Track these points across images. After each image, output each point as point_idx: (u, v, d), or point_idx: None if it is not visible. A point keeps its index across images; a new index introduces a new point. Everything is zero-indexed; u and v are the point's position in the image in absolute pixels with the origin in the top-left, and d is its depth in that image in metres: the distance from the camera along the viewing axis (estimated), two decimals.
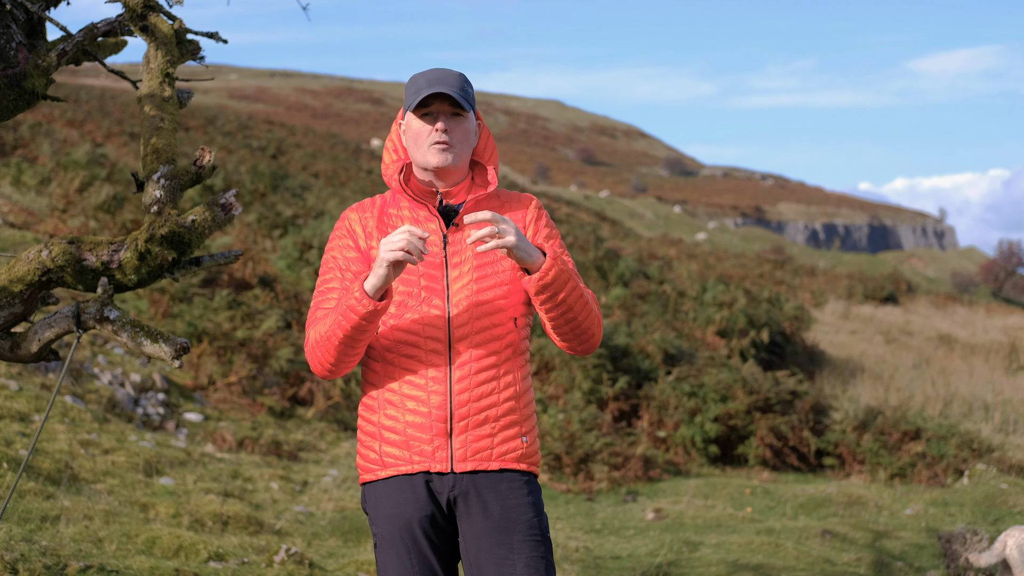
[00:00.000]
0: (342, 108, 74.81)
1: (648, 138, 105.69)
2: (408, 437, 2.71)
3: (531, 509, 2.73)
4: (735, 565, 6.06)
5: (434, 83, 2.72)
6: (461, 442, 2.70)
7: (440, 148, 2.73)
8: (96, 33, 3.24)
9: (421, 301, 2.72)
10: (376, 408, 2.76)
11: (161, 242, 2.75)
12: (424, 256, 2.60)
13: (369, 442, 2.78)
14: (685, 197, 71.94)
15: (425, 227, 2.76)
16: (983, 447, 10.28)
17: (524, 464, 2.76)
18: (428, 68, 2.81)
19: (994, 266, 50.68)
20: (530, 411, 2.81)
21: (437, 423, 2.69)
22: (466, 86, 2.76)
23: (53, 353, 2.97)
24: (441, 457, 2.70)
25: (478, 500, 2.71)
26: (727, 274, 24.48)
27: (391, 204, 2.83)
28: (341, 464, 8.34)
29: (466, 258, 2.75)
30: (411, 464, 2.72)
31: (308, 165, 25.86)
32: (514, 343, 2.77)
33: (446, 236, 2.75)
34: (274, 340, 10.22)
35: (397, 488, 2.73)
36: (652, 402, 10.67)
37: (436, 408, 2.69)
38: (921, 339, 20.81)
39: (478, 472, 2.72)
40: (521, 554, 2.69)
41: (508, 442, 2.74)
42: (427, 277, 2.73)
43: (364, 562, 5.35)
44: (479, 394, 2.70)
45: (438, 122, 2.73)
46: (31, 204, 13.40)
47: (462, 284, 2.73)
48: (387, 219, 2.80)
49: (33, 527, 5.02)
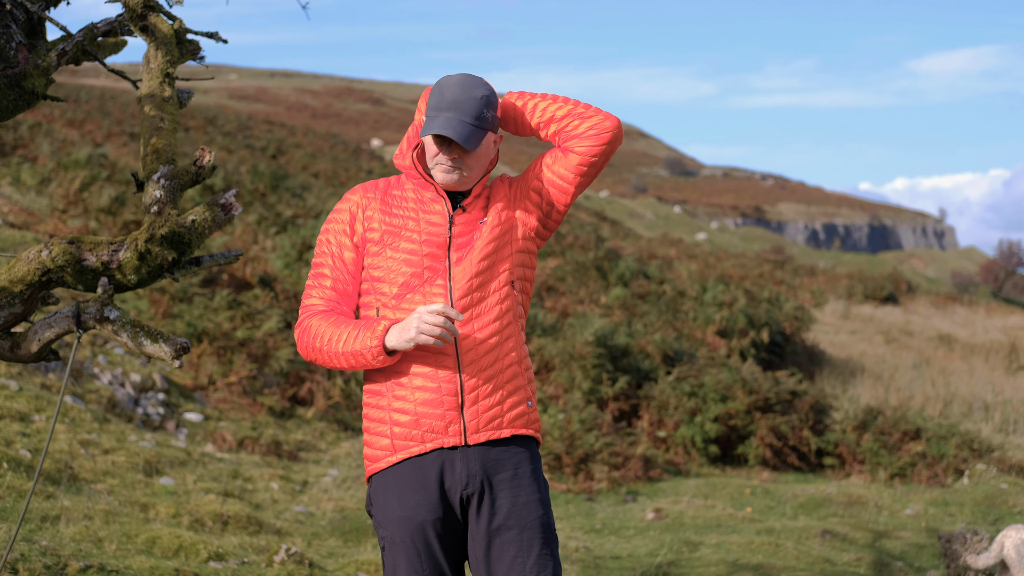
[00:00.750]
0: (342, 108, 74.80)
1: (648, 138, 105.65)
2: (419, 415, 2.73)
3: (540, 506, 2.76)
4: (735, 565, 6.06)
5: (452, 108, 2.71)
6: (473, 413, 2.73)
7: (446, 167, 2.76)
8: (96, 33, 3.24)
9: (424, 281, 2.75)
10: (384, 392, 2.78)
11: (161, 242, 2.75)
12: (453, 336, 2.65)
13: (378, 428, 2.79)
14: (685, 197, 71.93)
15: (430, 208, 2.79)
16: (983, 447, 10.27)
17: (531, 430, 2.82)
18: (453, 73, 2.79)
19: (994, 266, 50.70)
20: (530, 376, 2.87)
21: (448, 396, 2.72)
22: (485, 111, 2.73)
23: (53, 353, 2.97)
24: (454, 431, 2.73)
25: (489, 497, 2.72)
26: (727, 274, 24.47)
27: (396, 186, 2.86)
28: (341, 464, 8.34)
29: (469, 239, 2.78)
30: (423, 443, 2.73)
31: (308, 165, 25.86)
32: (512, 307, 2.81)
33: (452, 217, 2.78)
34: (274, 340, 10.22)
35: (408, 487, 2.73)
36: (652, 402, 10.66)
37: (445, 382, 2.72)
38: (921, 339, 20.80)
39: (490, 447, 2.74)
40: (531, 552, 2.71)
41: (516, 407, 2.79)
42: (431, 257, 2.76)
43: (364, 562, 5.35)
44: (485, 363, 2.74)
45: (450, 151, 2.74)
46: (31, 204, 13.40)
47: (462, 268, 2.76)
48: (391, 200, 2.83)
49: (33, 527, 5.02)
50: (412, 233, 2.78)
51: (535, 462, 2.82)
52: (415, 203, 2.80)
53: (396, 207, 2.81)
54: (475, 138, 2.71)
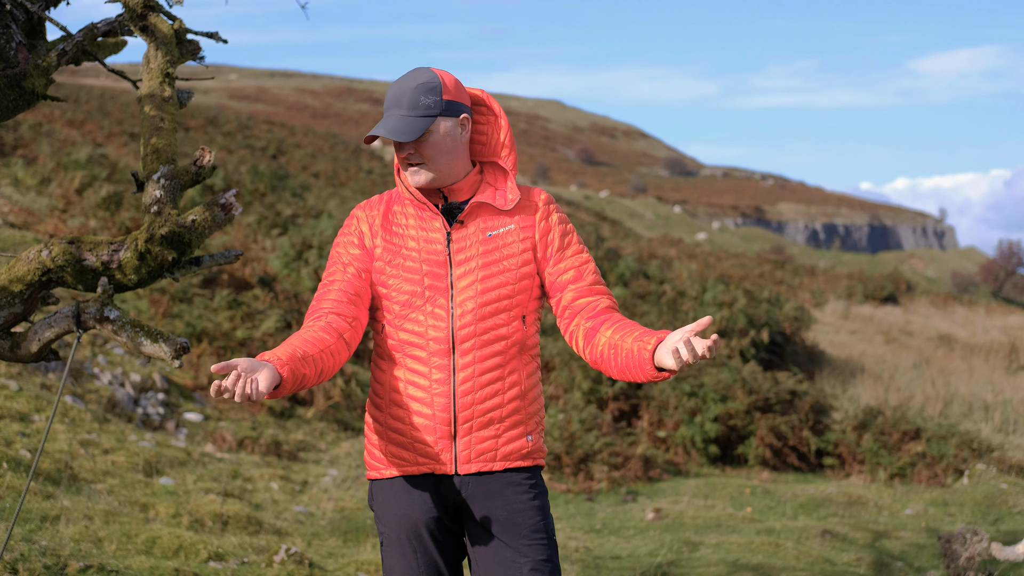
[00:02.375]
0: (342, 108, 74.80)
1: (648, 138, 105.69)
2: (413, 439, 2.68)
3: (537, 512, 2.71)
4: (735, 565, 6.05)
5: (389, 107, 2.66)
6: (465, 444, 2.67)
7: (413, 170, 2.68)
8: (96, 33, 3.24)
9: (425, 300, 2.66)
10: (383, 407, 2.73)
11: (161, 242, 2.75)
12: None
13: (376, 440, 2.76)
14: (685, 197, 71.95)
15: (429, 225, 2.71)
16: (983, 447, 10.27)
17: (528, 461, 2.73)
18: (398, 78, 2.71)
19: (994, 266, 50.71)
20: (536, 408, 2.76)
21: (441, 425, 2.66)
22: (422, 98, 2.64)
23: (53, 353, 2.97)
24: (446, 459, 2.67)
25: (484, 503, 2.69)
26: (727, 274, 24.48)
27: (396, 202, 2.77)
28: (341, 464, 8.33)
29: (471, 256, 2.68)
30: (417, 465, 2.70)
31: (308, 165, 25.86)
32: (520, 341, 2.71)
33: (450, 234, 2.69)
34: (274, 340, 10.21)
35: (404, 488, 2.72)
36: (652, 402, 10.67)
37: (440, 410, 2.65)
38: (921, 339, 20.80)
39: (483, 474, 2.69)
40: (527, 557, 2.68)
41: (513, 442, 2.70)
42: (431, 276, 2.67)
43: (364, 562, 5.35)
44: (483, 396, 2.65)
45: (403, 149, 2.68)
46: (31, 204, 13.40)
47: (467, 283, 2.67)
48: (392, 216, 2.74)
49: (33, 527, 5.02)
50: (412, 252, 2.70)
51: (535, 487, 2.74)
52: (416, 219, 2.73)
53: (396, 224, 2.73)
54: (411, 128, 2.62)
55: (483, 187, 2.75)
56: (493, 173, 2.79)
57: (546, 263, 2.74)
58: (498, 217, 2.73)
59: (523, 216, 2.74)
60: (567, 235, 2.76)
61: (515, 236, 2.72)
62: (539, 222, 2.74)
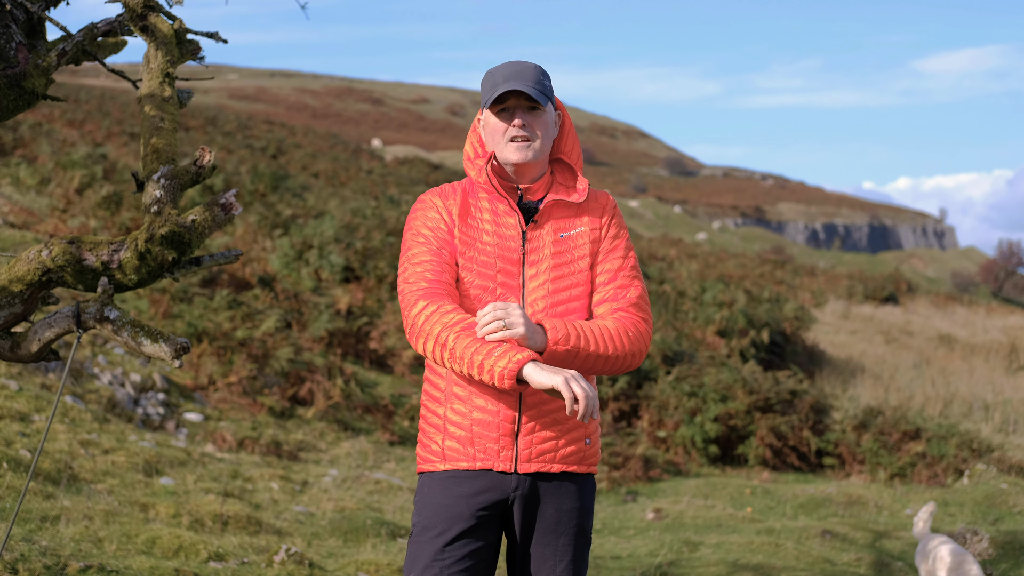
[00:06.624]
0: (342, 108, 74.80)
1: (648, 138, 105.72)
2: (474, 435, 2.67)
3: (581, 514, 2.74)
4: (735, 565, 6.05)
5: (510, 78, 2.68)
6: (526, 443, 2.67)
7: (518, 145, 2.69)
8: (96, 33, 3.24)
9: (496, 297, 2.67)
10: (443, 401, 2.72)
11: (161, 242, 2.75)
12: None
13: (432, 434, 2.74)
14: (685, 197, 71.98)
15: (504, 221, 2.72)
16: (983, 447, 10.27)
17: (584, 466, 2.74)
18: (505, 62, 2.75)
19: (994, 266, 50.76)
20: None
21: (504, 423, 2.66)
22: (543, 79, 2.71)
23: (53, 353, 2.97)
24: (505, 457, 2.67)
25: (536, 503, 2.70)
26: (727, 274, 24.48)
27: (471, 194, 2.76)
28: (341, 464, 8.34)
29: (543, 256, 2.70)
30: (473, 461, 2.68)
31: (308, 165, 25.86)
32: None
33: (525, 233, 2.71)
34: (274, 340, 10.22)
35: (455, 482, 2.70)
36: (652, 402, 10.67)
37: (505, 407, 2.65)
38: (921, 339, 20.80)
39: (539, 474, 2.70)
40: (564, 557, 2.71)
41: (572, 444, 2.71)
42: (504, 273, 2.69)
43: (364, 562, 5.35)
44: (550, 396, 2.61)
45: (515, 118, 2.69)
46: (31, 204, 13.41)
47: (538, 283, 2.69)
48: (468, 207, 2.73)
49: (33, 527, 5.02)
50: (487, 246, 2.70)
51: (588, 482, 2.76)
52: (490, 213, 2.73)
53: (471, 216, 2.73)
54: (542, 92, 2.67)
55: (555, 186, 2.79)
56: (561, 172, 2.83)
57: (597, 264, 2.78)
58: (568, 219, 2.76)
59: (591, 219, 2.78)
60: (619, 238, 2.79)
61: (585, 238, 2.75)
62: (604, 227, 2.79)
